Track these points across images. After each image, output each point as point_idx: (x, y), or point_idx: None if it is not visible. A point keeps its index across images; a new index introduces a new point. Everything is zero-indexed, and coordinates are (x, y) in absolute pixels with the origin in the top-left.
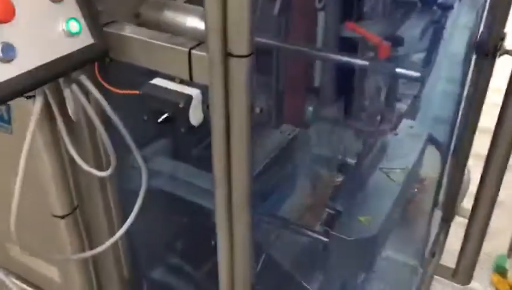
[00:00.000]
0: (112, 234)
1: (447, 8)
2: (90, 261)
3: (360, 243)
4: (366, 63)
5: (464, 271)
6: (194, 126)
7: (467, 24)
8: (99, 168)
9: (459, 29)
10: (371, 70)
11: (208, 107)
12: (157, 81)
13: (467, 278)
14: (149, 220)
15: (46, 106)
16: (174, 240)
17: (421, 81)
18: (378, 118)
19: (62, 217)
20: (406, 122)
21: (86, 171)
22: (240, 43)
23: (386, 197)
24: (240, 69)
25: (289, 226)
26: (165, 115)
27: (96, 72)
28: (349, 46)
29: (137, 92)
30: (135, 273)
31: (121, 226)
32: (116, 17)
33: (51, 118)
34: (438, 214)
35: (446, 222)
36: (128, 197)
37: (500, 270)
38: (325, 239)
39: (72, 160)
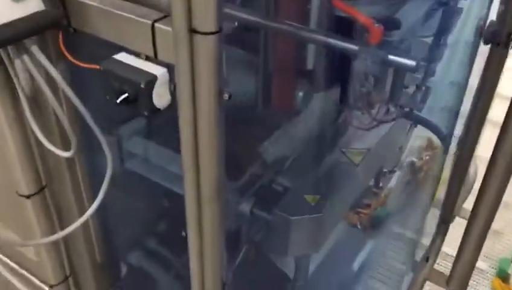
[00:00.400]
0: (82, 215)
1: None
2: (62, 243)
3: (301, 223)
4: (355, 47)
5: (459, 278)
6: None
7: (481, 7)
8: (68, 147)
9: (473, 13)
10: (361, 57)
11: (174, 87)
12: (122, 56)
13: (462, 287)
14: (122, 203)
15: (8, 79)
16: (149, 225)
17: (415, 71)
18: (377, 107)
19: (28, 197)
20: None
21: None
22: (206, 19)
23: (341, 177)
24: (206, 48)
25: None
26: (125, 95)
27: (61, 42)
28: (348, 27)
29: (97, 66)
30: (109, 258)
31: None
32: None
33: (14, 92)
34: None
35: (444, 223)
36: (99, 178)
37: (503, 275)
38: (268, 217)
39: None
